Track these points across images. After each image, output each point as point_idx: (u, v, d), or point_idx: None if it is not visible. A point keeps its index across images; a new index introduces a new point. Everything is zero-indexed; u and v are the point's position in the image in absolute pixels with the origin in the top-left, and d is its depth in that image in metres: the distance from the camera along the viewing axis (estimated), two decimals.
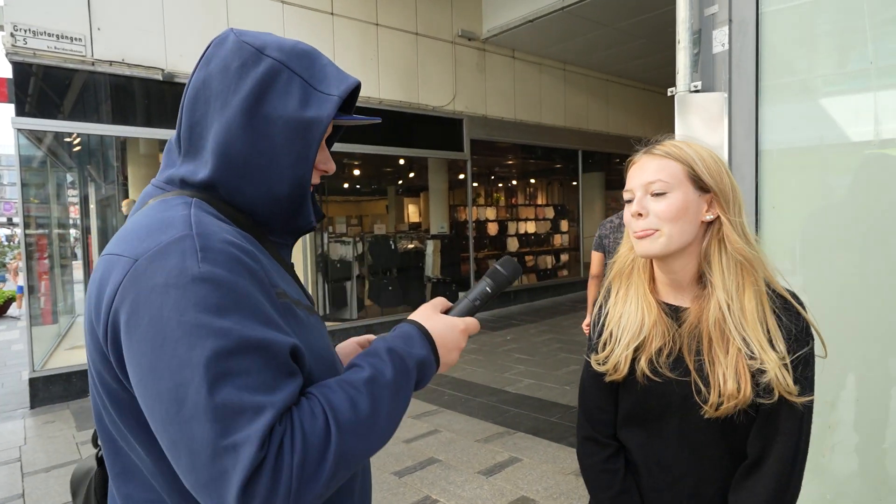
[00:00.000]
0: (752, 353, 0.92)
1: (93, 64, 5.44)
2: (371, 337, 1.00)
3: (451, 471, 3.44)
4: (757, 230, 2.11)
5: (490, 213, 10.14)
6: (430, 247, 8.82)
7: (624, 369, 1.01)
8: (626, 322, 1.03)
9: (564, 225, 11.35)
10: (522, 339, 7.13)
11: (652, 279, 1.06)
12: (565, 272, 11.09)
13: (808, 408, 0.94)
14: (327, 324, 7.47)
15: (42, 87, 5.33)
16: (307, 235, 7.25)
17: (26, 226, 5.71)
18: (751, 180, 2.12)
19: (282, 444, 0.58)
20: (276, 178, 0.75)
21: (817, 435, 1.99)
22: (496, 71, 8.99)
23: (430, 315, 0.81)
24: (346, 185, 9.25)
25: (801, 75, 2.07)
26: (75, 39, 5.29)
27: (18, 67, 5.11)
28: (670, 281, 1.02)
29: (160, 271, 0.61)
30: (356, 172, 9.28)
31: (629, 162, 1.04)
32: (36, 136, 5.81)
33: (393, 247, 8.53)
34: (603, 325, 1.09)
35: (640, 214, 0.97)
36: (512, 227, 10.43)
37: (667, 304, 1.03)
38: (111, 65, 5.53)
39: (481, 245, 9.77)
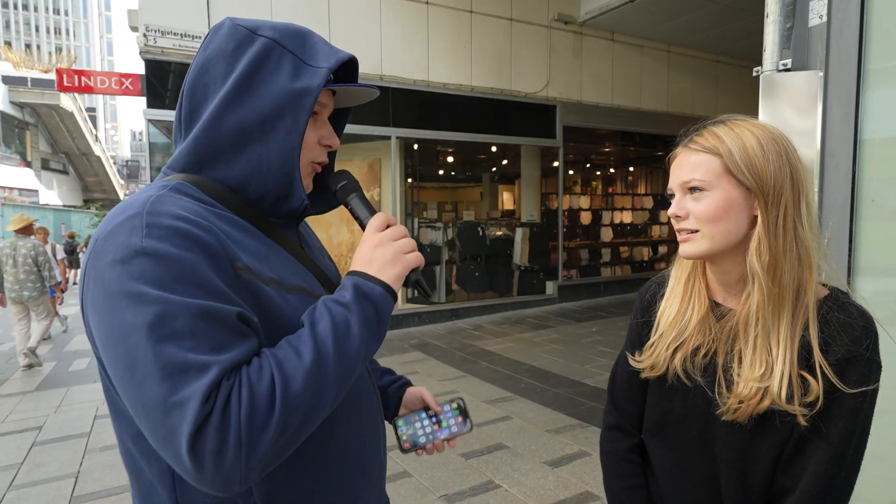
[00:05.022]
0: (762, 359, 0.86)
1: None
2: (428, 394, 1.08)
3: (517, 458, 3.45)
4: (851, 224, 1.90)
5: (584, 201, 9.84)
6: (520, 234, 8.76)
7: (662, 367, 0.97)
8: (672, 318, 0.99)
9: (664, 216, 10.75)
10: (608, 332, 6.90)
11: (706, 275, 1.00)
12: (663, 265, 10.51)
13: (849, 435, 0.83)
14: (414, 306, 7.75)
15: (168, 82, 5.96)
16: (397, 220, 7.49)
17: None
18: (847, 169, 1.90)
19: (229, 398, 0.60)
20: (266, 148, 0.77)
21: None
22: (593, 55, 8.66)
23: (357, 256, 0.81)
24: (440, 172, 9.42)
25: None
26: (195, 37, 5.85)
27: (149, 64, 5.76)
28: (719, 280, 0.97)
29: (111, 249, 0.64)
30: (450, 160, 9.41)
31: (671, 156, 0.96)
32: (164, 126, 6.52)
33: (481, 233, 8.58)
34: (652, 321, 1.03)
35: (679, 216, 0.91)
36: (606, 217, 10.07)
37: (715, 303, 0.98)
38: None
39: (573, 234, 9.53)
